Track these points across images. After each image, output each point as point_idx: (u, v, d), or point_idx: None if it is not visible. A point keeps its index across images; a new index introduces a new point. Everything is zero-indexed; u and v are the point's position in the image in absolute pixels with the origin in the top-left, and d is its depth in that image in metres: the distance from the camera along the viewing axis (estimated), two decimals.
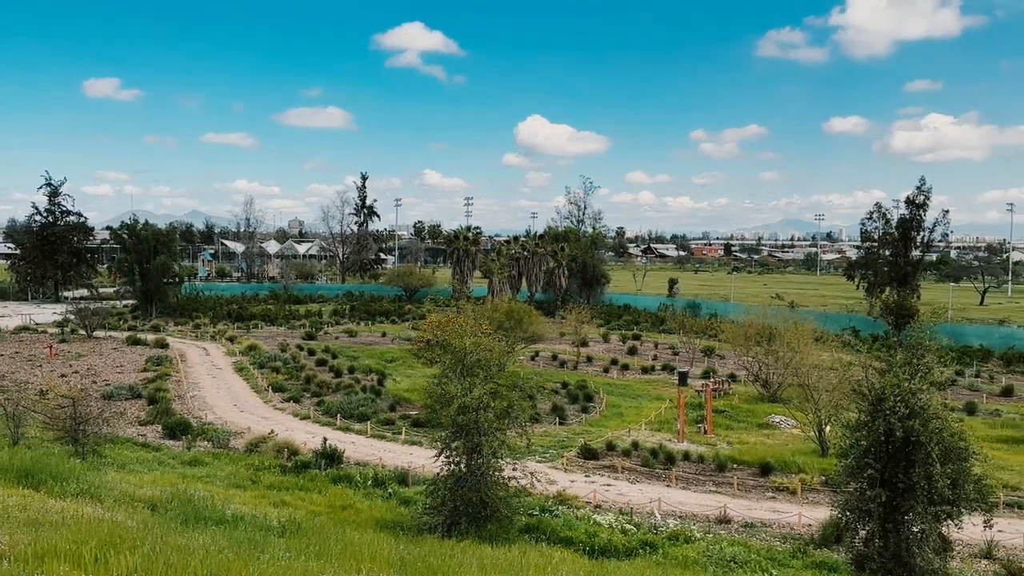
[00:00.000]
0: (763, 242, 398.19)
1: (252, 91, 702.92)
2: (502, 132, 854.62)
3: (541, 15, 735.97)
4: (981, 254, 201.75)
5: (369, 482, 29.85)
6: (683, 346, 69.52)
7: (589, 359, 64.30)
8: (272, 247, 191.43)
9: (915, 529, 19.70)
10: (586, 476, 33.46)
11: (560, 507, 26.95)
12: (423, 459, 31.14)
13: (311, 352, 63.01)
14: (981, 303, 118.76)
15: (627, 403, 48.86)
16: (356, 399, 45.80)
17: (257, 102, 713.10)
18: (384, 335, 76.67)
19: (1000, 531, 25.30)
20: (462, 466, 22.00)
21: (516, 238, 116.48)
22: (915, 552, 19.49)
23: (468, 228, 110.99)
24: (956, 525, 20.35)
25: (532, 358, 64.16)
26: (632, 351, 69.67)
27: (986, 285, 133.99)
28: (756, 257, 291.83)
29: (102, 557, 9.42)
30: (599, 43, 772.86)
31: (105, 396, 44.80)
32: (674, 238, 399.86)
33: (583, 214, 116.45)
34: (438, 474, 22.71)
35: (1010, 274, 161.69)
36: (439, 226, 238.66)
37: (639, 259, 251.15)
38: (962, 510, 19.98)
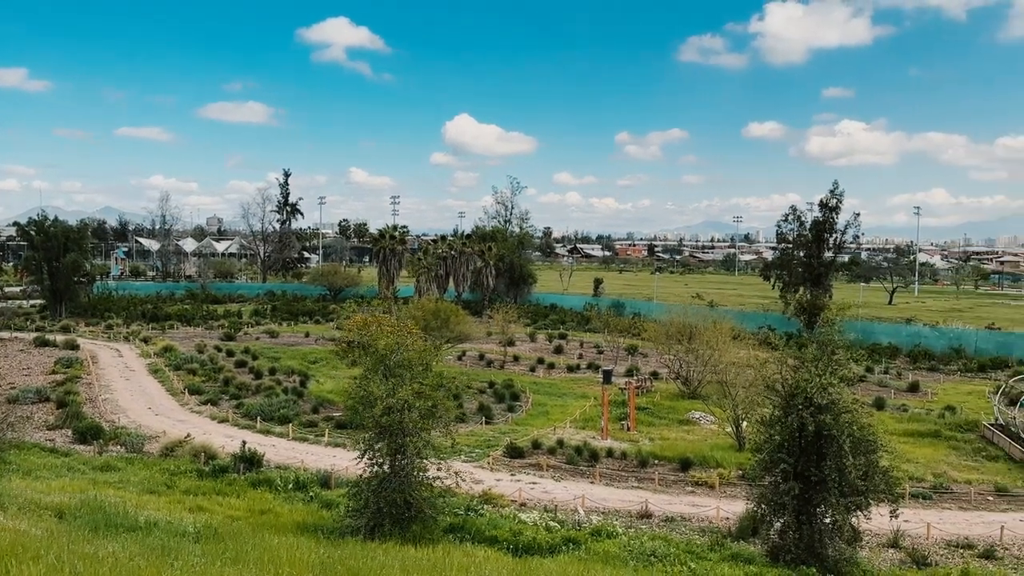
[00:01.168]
0: (685, 243, 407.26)
1: (171, 84, 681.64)
2: (430, 131, 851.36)
3: (469, 14, 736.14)
4: (890, 255, 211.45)
5: (290, 485, 29.25)
6: (608, 345, 70.53)
7: (516, 358, 64.54)
8: (189, 245, 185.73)
9: (827, 520, 20.54)
10: (512, 475, 33.60)
11: (485, 506, 26.96)
12: (346, 461, 30.69)
13: (230, 353, 61.40)
14: (890, 303, 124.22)
15: (553, 402, 49.26)
16: (277, 401, 44.83)
17: (176, 95, 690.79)
18: (307, 335, 75.30)
19: (906, 521, 26.47)
20: (386, 467, 21.77)
21: (443, 237, 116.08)
22: (827, 543, 20.31)
23: (395, 227, 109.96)
24: (865, 516, 21.27)
25: (459, 357, 64.04)
26: (558, 350, 70.26)
27: (894, 285, 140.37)
28: (678, 258, 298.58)
29: (2, 568, 8.97)
30: (527, 44, 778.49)
31: (10, 400, 42.70)
32: (600, 238, 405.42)
33: (510, 214, 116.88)
34: (361, 476, 22.42)
35: (917, 275, 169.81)
36: (365, 224, 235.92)
37: (565, 259, 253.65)
38: (871, 501, 20.92)
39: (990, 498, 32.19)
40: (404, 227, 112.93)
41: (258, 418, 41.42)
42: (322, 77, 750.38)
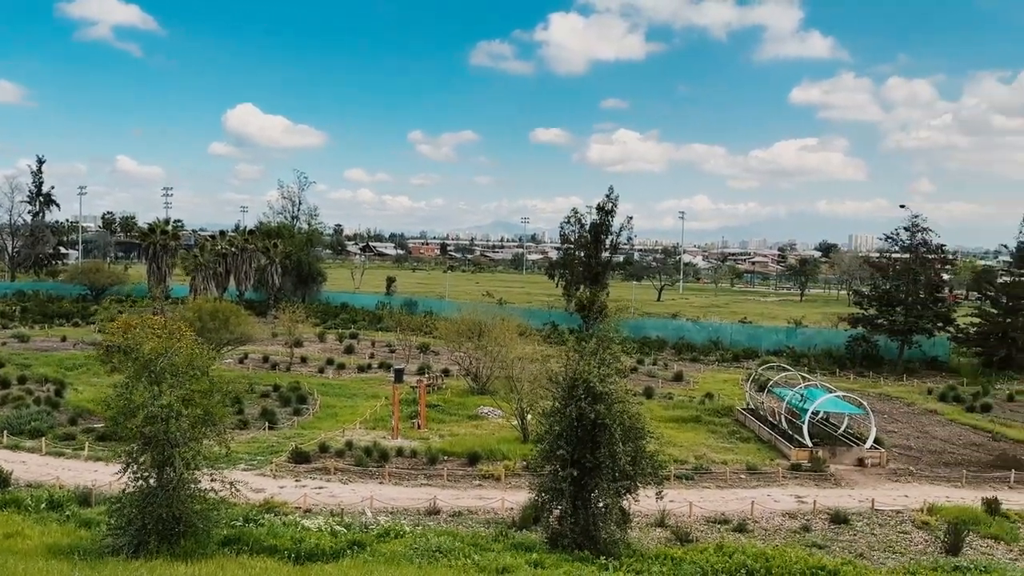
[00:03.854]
0: (476, 242, 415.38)
1: None
2: (209, 119, 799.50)
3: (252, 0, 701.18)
4: (658, 256, 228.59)
5: (43, 505, 26.32)
6: (400, 343, 70.32)
7: (303, 360, 62.56)
8: None
9: (601, 504, 21.76)
10: (297, 480, 32.57)
11: (267, 515, 25.82)
12: (109, 476, 28.07)
13: None
14: (658, 299, 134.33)
15: (342, 403, 48.28)
16: (28, 413, 40.16)
17: None
18: (64, 339, 68.20)
19: (671, 501, 28.73)
20: (151, 481, 20.12)
21: (223, 233, 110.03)
22: (600, 526, 21.52)
23: (167, 221, 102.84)
24: (634, 498, 22.82)
25: (241, 360, 60.95)
26: (349, 350, 68.96)
27: (662, 283, 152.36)
28: (470, 256, 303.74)
29: None
30: (317, 35, 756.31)
31: None
32: (393, 237, 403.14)
33: (298, 210, 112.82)
34: (124, 491, 20.60)
35: (681, 274, 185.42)
36: (133, 218, 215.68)
37: (358, 257, 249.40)
38: (639, 484, 22.46)
39: (743, 476, 35.72)
40: (178, 221, 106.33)
41: (4, 432, 36.93)
42: (85, 57, 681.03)
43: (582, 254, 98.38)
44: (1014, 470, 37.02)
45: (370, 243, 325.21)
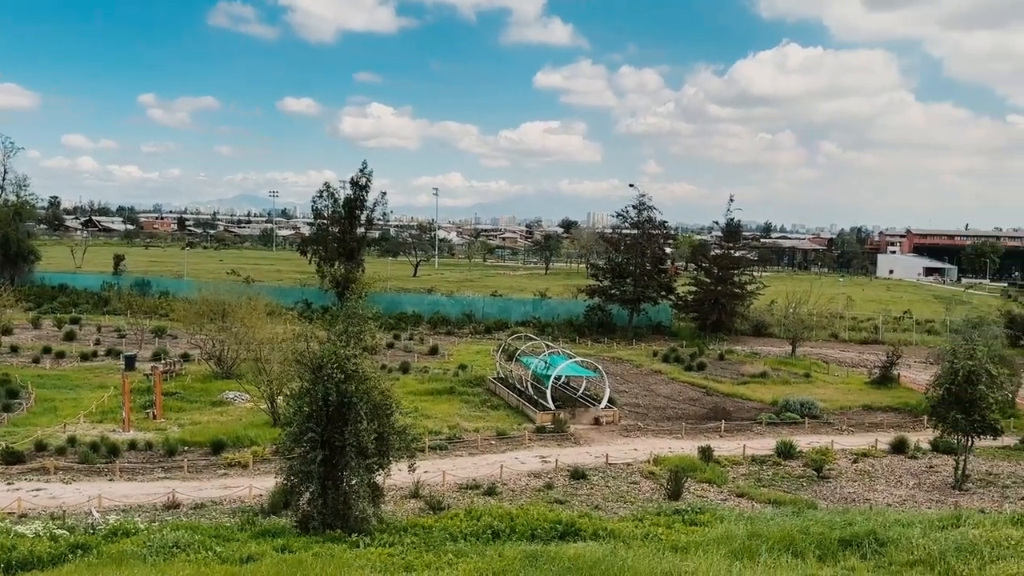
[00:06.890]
0: (219, 217, 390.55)
1: None
2: None
3: None
4: (414, 232, 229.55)
5: None
6: (131, 328, 64.76)
7: (14, 349, 55.61)
8: None
9: (353, 482, 21.63)
10: (9, 483, 29.24)
11: None
12: None
13: None
14: (414, 275, 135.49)
15: (63, 395, 43.56)
16: None
17: None
18: None
19: (425, 472, 29.33)
20: None
21: None
22: (352, 504, 21.41)
23: None
24: (386, 473, 22.96)
25: None
26: (70, 336, 62.13)
27: (418, 259, 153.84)
28: (212, 232, 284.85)
29: None
30: None
31: None
32: (121, 210, 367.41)
33: (3, 180, 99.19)
34: None
35: (437, 250, 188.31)
36: None
37: (79, 233, 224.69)
38: (390, 459, 22.62)
39: (493, 442, 37.31)
40: None
41: None
42: None
43: (336, 230, 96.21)
44: (724, 420, 42.22)
45: (93, 217, 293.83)
